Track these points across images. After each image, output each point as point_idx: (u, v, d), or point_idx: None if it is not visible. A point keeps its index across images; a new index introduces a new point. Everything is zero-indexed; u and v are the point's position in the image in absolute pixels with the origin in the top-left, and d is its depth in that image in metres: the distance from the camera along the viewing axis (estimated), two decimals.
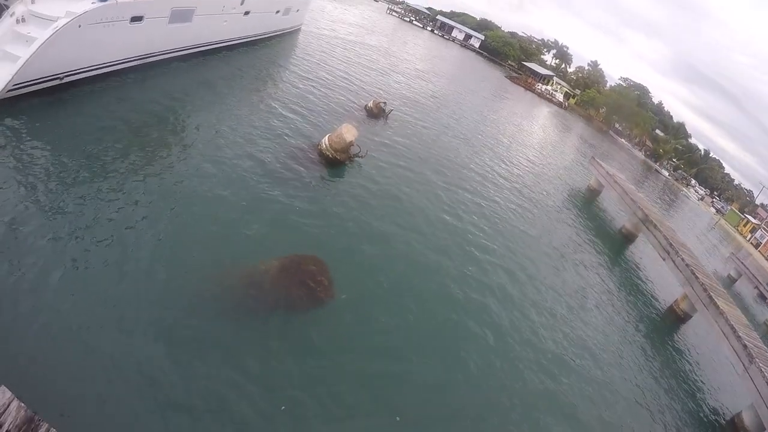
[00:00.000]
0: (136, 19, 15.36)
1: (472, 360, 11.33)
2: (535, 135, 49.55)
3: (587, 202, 34.40)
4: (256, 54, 21.55)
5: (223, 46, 21.02)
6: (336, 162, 15.79)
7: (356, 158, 16.49)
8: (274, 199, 12.71)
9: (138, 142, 12.80)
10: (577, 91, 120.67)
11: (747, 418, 17.73)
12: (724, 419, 18.34)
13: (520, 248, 19.19)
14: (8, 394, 3.37)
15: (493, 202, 22.06)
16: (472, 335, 12.27)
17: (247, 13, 21.20)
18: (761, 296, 51.09)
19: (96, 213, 9.80)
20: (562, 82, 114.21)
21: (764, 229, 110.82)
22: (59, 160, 10.90)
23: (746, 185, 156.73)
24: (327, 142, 15.77)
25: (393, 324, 10.90)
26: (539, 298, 16.27)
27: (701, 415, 17.52)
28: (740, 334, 19.86)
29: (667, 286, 26.87)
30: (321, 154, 15.80)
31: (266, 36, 25.68)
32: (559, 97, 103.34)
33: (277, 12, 25.56)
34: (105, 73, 15.19)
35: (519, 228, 21.05)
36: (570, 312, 16.83)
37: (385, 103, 23.05)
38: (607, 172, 35.11)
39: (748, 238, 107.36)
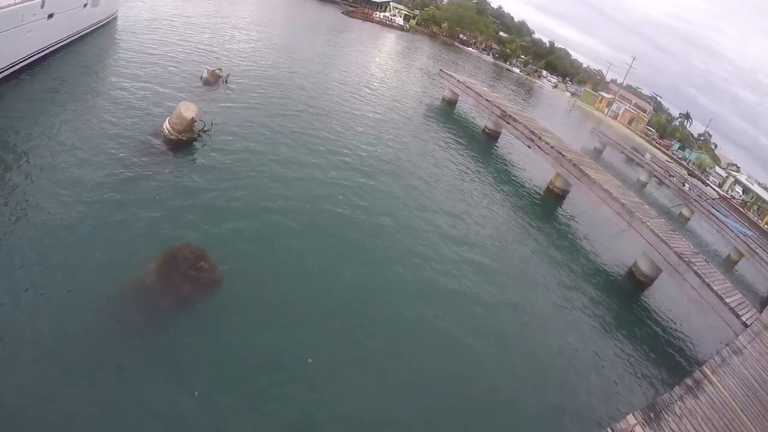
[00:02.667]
0: None
1: (357, 294, 11.41)
2: (383, 63, 49.45)
3: (446, 114, 35.07)
4: (74, 57, 18.93)
5: (36, 59, 17.78)
6: (183, 143, 14.77)
7: (203, 133, 15.53)
8: (129, 201, 11.45)
9: None
10: (416, 12, 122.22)
11: (642, 265, 19.36)
12: (622, 272, 20.05)
13: (391, 168, 19.43)
14: None
15: (353, 136, 21.73)
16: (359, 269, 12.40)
17: (51, 15, 18.04)
18: (629, 159, 55.69)
19: None
20: (399, 6, 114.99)
21: (619, 101, 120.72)
22: None
23: (594, 66, 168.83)
24: (168, 126, 14.71)
25: (283, 281, 10.89)
26: (427, 209, 17.01)
27: (601, 273, 19.04)
28: (616, 194, 21.20)
29: (539, 170, 28.61)
30: (166, 139, 14.66)
31: (79, 35, 22.38)
32: (399, 21, 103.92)
33: (85, 5, 22.29)
34: None
35: (384, 151, 21.19)
36: (454, 216, 17.47)
37: (220, 69, 21.64)
38: (459, 81, 35.95)
39: (606, 113, 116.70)
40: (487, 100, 32.17)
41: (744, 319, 15.24)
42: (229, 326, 9.09)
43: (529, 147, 27.25)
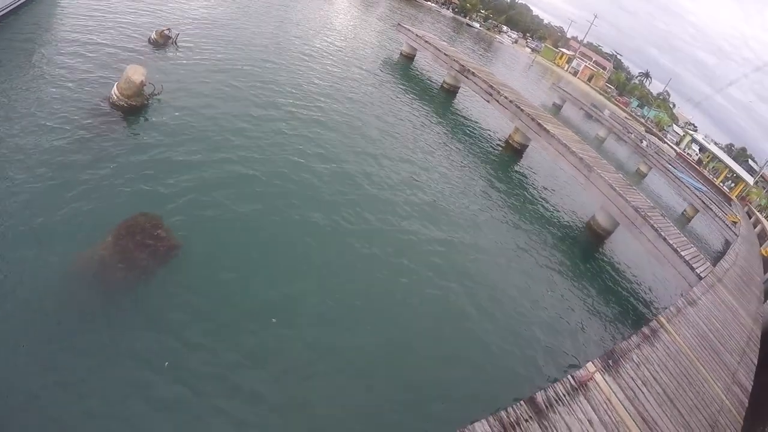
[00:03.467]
0: None
1: (314, 248, 11.31)
2: (341, 18, 48.20)
3: (404, 69, 34.53)
4: (14, 24, 17.47)
5: None
6: (133, 108, 14.04)
7: (153, 97, 14.80)
8: (78, 173, 10.75)
9: None
10: None
11: (600, 218, 19.71)
12: (580, 225, 20.40)
13: (348, 119, 19.28)
14: None
15: (311, 89, 21.26)
16: (321, 223, 12.37)
17: None
18: (588, 115, 56.36)
19: None
20: None
21: (579, 58, 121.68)
22: None
23: (556, 23, 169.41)
24: (116, 92, 13.90)
25: (243, 240, 10.86)
26: (386, 157, 17.17)
27: (559, 225, 19.38)
28: (574, 149, 21.31)
29: (498, 125, 28.79)
30: (114, 105, 13.89)
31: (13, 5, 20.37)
32: None
33: None
34: None
35: (342, 105, 20.86)
36: (414, 165, 17.67)
37: (169, 29, 20.45)
38: (417, 35, 35.28)
39: (566, 69, 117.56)
40: (446, 54, 31.70)
41: (698, 272, 15.65)
42: (190, 292, 8.91)
43: (488, 102, 27.05)
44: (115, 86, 14.13)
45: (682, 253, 16.23)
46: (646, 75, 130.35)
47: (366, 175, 15.22)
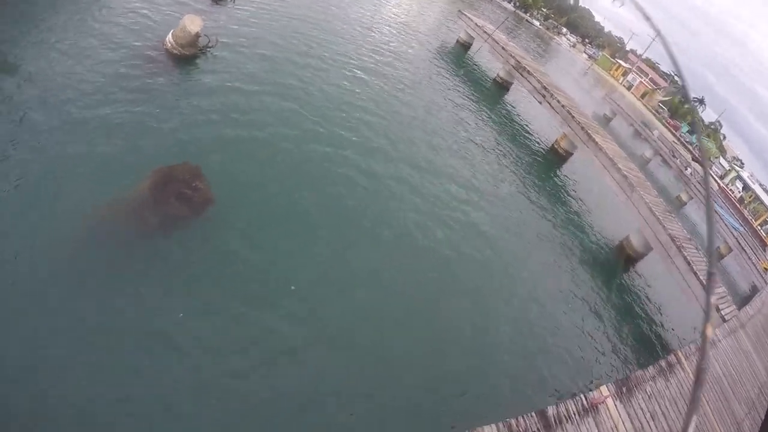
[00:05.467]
0: None
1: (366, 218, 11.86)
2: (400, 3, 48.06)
3: (458, 56, 34.20)
4: None
5: None
6: (185, 58, 14.28)
7: (207, 49, 15.00)
8: (127, 116, 10.99)
9: None
10: None
11: (634, 241, 19.45)
12: (612, 244, 20.17)
13: (400, 108, 19.07)
14: None
15: (365, 67, 21.21)
16: (358, 192, 12.70)
17: None
18: (636, 133, 55.38)
19: None
20: None
21: (635, 72, 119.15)
22: None
23: (617, 33, 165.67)
24: (171, 40, 14.13)
25: (270, 206, 10.84)
26: (430, 152, 16.87)
27: (591, 239, 19.24)
28: (620, 165, 21.03)
29: (546, 128, 28.43)
30: (168, 53, 14.13)
31: None
32: None
33: None
34: None
35: (396, 88, 20.73)
36: (459, 157, 17.65)
37: None
38: (477, 24, 34.84)
39: (620, 81, 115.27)
40: (503, 48, 31.33)
41: (723, 314, 15.46)
42: (217, 247, 9.09)
43: (540, 103, 26.80)
44: (170, 34, 14.27)
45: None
46: (701, 101, 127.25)
47: (403, 156, 15.31)
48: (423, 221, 13.07)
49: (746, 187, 77.81)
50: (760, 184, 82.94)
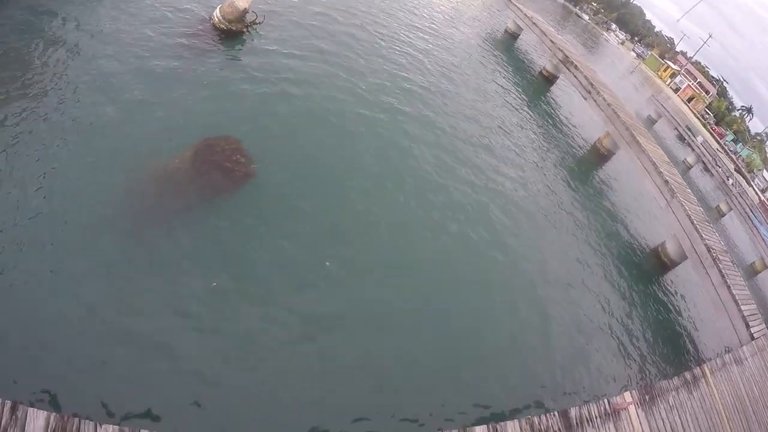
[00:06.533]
0: None
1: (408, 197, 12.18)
2: None
3: (505, 46, 33.87)
4: None
5: None
6: (232, 33, 14.58)
7: (253, 25, 15.19)
8: (175, 85, 11.37)
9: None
10: None
11: (670, 248, 19.16)
12: (647, 249, 19.92)
13: (447, 92, 19.23)
14: None
15: (412, 49, 21.32)
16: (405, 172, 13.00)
17: None
18: (680, 137, 54.30)
19: None
20: None
21: (683, 74, 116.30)
22: None
23: (667, 33, 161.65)
24: (219, 14, 14.43)
25: (315, 178, 11.06)
26: (471, 141, 17.01)
27: (626, 243, 19.00)
28: (662, 170, 20.69)
29: (589, 125, 28.00)
30: (215, 27, 14.42)
31: None
32: None
33: None
34: None
35: (444, 74, 20.86)
36: (503, 149, 17.81)
37: None
38: (525, 15, 34.43)
39: (667, 83, 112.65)
40: (551, 40, 30.97)
41: (752, 331, 15.17)
42: (253, 221, 9.22)
43: (585, 99, 26.45)
44: (218, 8, 14.45)
45: (742, 308, 15.72)
46: (749, 110, 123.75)
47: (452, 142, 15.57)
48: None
49: None
50: None
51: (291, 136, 11.77)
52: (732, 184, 45.20)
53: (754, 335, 15.09)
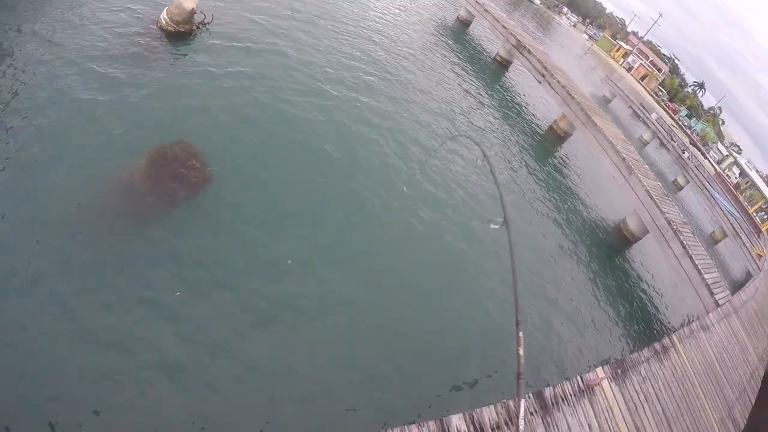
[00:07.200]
0: None
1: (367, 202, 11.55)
2: None
3: (458, 34, 33.81)
4: None
5: None
6: (181, 35, 14.07)
7: (202, 26, 14.77)
8: (122, 95, 10.74)
9: None
10: None
11: (631, 223, 19.57)
12: (610, 226, 20.36)
13: (402, 81, 19.11)
14: None
15: (368, 42, 21.07)
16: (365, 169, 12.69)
17: None
18: (635, 115, 55.46)
19: None
20: None
21: (636, 54, 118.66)
22: None
23: (618, 14, 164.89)
24: (166, 16, 13.91)
25: (273, 183, 10.73)
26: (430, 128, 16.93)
27: (589, 221, 19.33)
28: (618, 148, 21.05)
29: (545, 108, 28.44)
30: (163, 30, 13.92)
31: None
32: None
33: None
34: None
35: (401, 64, 20.79)
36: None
37: None
38: (477, 1, 34.51)
39: (620, 63, 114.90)
40: (503, 26, 31.21)
41: (717, 298, 15.56)
42: (213, 227, 8.99)
43: (539, 82, 26.71)
44: (165, 10, 14.07)
45: (705, 276, 16.11)
46: (701, 86, 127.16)
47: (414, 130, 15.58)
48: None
49: (743, 173, 78.15)
50: (757, 171, 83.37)
51: (247, 133, 11.49)
52: (688, 158, 46.36)
53: (719, 302, 15.47)
